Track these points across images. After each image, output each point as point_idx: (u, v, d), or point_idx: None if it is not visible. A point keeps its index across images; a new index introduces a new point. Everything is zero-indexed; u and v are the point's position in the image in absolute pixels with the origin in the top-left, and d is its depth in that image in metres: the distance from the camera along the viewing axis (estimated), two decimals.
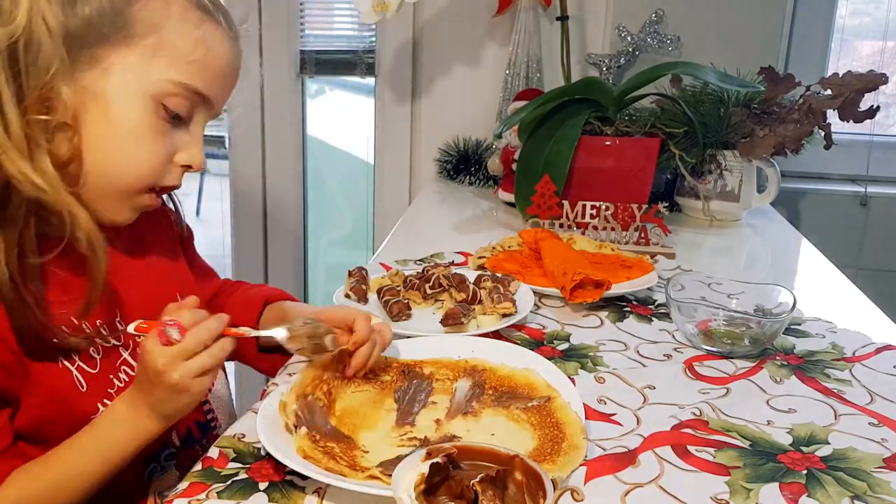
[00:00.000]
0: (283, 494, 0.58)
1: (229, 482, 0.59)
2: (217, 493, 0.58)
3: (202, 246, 0.94)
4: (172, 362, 0.61)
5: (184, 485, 0.59)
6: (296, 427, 0.63)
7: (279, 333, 0.69)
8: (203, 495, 0.58)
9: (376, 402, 0.71)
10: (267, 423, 0.63)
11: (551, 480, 0.49)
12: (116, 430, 0.65)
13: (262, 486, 0.59)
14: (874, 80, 1.32)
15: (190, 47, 0.64)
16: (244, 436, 0.66)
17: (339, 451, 0.61)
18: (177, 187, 0.71)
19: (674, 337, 0.90)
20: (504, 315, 0.90)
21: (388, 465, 0.58)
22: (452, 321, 0.87)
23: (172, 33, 0.63)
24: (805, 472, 0.62)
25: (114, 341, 0.71)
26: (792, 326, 0.93)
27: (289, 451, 0.60)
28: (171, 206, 0.85)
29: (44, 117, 0.60)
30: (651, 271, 1.07)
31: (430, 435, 0.66)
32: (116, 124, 0.63)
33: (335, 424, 0.66)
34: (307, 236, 2.02)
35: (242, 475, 0.60)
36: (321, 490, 0.58)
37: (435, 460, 0.51)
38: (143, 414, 0.64)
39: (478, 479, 0.50)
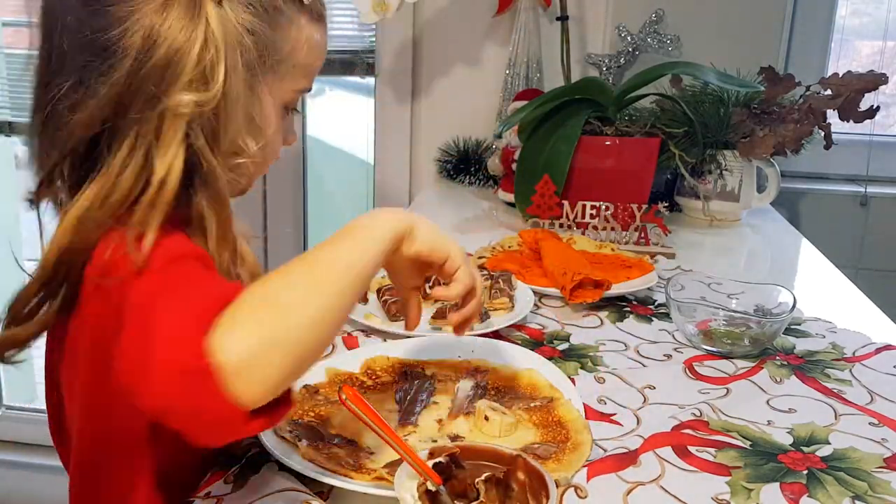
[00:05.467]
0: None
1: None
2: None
3: None
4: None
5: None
6: (298, 439, 0.62)
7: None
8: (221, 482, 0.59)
9: (377, 404, 0.71)
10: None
11: (554, 480, 0.49)
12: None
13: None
14: (874, 80, 1.32)
15: (312, 59, 0.68)
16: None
17: (345, 454, 0.61)
18: None
19: (674, 337, 0.90)
20: (500, 309, 0.90)
21: (394, 466, 0.58)
22: (441, 315, 0.87)
23: (299, 52, 0.66)
24: (806, 472, 0.62)
25: None
26: (792, 326, 0.93)
27: (293, 453, 0.60)
28: None
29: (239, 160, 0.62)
30: (651, 271, 1.07)
31: (434, 436, 0.66)
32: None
33: (336, 433, 0.65)
34: (307, 236, 2.02)
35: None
36: (323, 494, 0.58)
37: (438, 460, 0.51)
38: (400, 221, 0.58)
39: (483, 479, 0.50)
